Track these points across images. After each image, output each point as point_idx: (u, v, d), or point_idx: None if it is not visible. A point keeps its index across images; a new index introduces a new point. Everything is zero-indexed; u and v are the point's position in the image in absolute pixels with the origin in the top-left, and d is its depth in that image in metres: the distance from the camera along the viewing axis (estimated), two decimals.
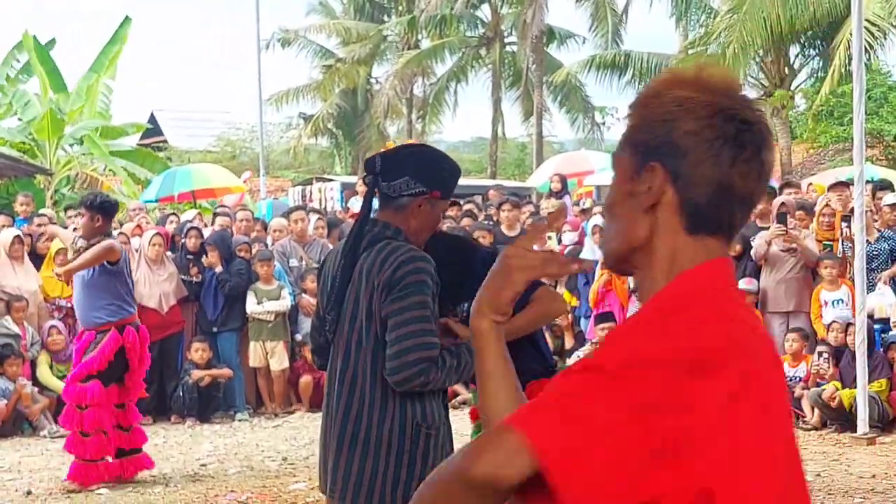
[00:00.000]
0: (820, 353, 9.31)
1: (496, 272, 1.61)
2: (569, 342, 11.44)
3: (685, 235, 1.53)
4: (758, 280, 10.07)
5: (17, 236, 10.84)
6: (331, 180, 19.94)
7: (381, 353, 3.32)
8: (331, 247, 10.33)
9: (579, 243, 11.90)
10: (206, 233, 11.75)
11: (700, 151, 1.51)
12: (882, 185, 11.37)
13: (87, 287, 7.59)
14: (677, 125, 1.52)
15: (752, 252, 10.05)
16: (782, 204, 10.32)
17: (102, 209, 7.62)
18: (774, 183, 13.46)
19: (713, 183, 1.51)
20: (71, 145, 22.56)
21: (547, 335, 7.11)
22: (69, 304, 10.92)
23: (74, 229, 11.69)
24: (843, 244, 9.92)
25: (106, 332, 7.52)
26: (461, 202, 13.58)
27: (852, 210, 9.24)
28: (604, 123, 33.75)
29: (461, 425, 5.04)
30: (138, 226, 12.22)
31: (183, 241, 11.39)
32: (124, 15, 23.08)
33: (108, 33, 23.03)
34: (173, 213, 14.92)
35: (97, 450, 7.57)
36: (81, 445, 7.56)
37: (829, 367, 9.19)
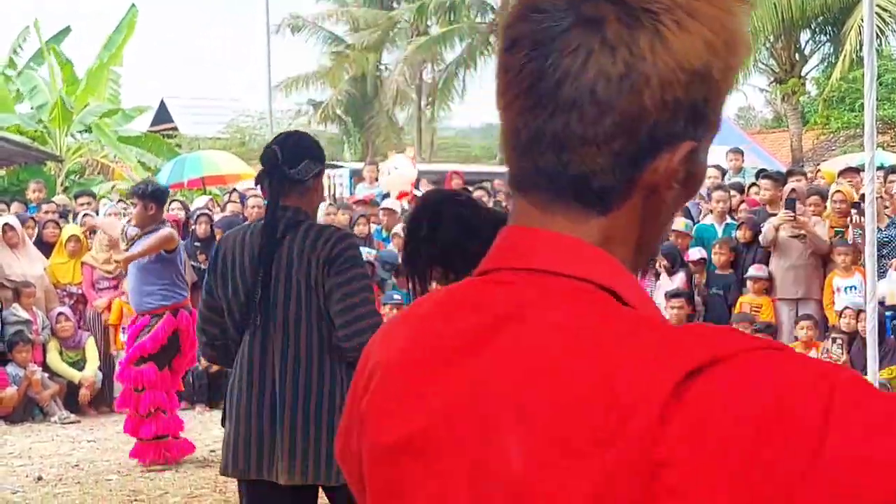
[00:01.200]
0: (834, 340, 9.26)
1: None
2: None
3: None
4: (767, 266, 10.05)
5: (7, 224, 10.76)
6: (340, 167, 19.80)
7: (324, 325, 3.52)
8: None
9: None
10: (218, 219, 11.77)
11: None
12: (893, 171, 11.31)
13: (141, 272, 7.69)
14: None
15: (761, 237, 10.02)
16: (792, 190, 10.28)
17: (154, 197, 7.71)
18: (782, 168, 13.42)
19: None
20: (80, 132, 22.56)
21: None
22: (79, 291, 10.94)
23: (85, 215, 11.71)
24: (853, 231, 9.87)
25: (160, 315, 7.61)
26: (471, 189, 13.52)
27: (863, 196, 9.19)
28: None
29: None
30: None
31: (193, 227, 11.39)
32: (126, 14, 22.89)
33: (110, 33, 22.83)
34: (175, 200, 14.86)
35: (160, 428, 7.78)
36: (140, 426, 7.76)
37: (842, 353, 9.16)
